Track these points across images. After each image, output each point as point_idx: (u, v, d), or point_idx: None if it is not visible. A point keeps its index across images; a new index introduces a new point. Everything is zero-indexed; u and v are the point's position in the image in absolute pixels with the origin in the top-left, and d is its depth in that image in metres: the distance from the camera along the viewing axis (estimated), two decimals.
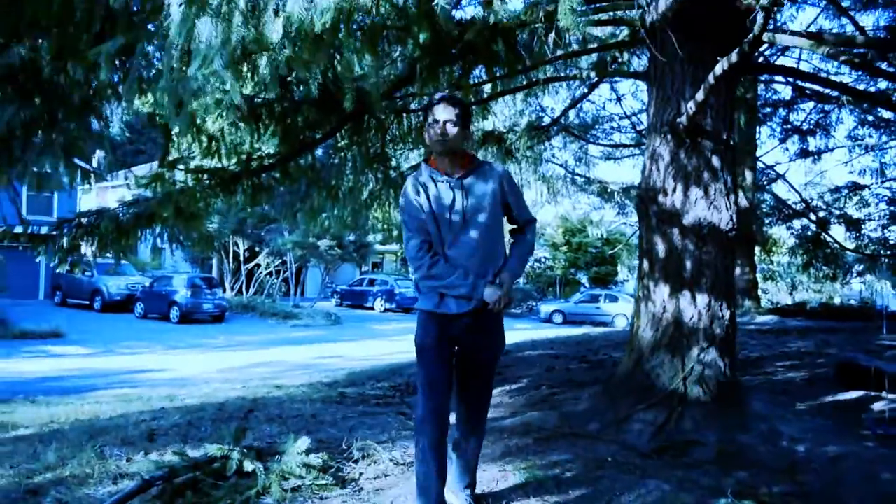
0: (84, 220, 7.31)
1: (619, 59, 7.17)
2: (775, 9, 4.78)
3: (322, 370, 11.31)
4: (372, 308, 30.88)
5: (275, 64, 3.56)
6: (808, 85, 12.48)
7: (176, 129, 6.26)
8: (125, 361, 13.79)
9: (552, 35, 4.45)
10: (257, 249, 28.36)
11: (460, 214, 2.98)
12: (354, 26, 3.52)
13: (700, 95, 4.45)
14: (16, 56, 4.14)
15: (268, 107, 6.54)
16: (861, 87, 11.39)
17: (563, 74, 6.93)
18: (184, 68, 3.40)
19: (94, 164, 7.46)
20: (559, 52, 5.51)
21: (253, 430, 4.84)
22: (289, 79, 5.81)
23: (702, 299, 4.87)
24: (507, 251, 3.17)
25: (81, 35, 4.19)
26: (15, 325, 17.75)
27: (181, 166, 7.01)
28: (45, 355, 14.57)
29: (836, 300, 27.98)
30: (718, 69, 4.13)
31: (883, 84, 11.30)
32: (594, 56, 6.80)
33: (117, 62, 4.15)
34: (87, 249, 7.41)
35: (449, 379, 3.05)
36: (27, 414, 6.78)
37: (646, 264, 5.11)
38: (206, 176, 7.17)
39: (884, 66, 8.04)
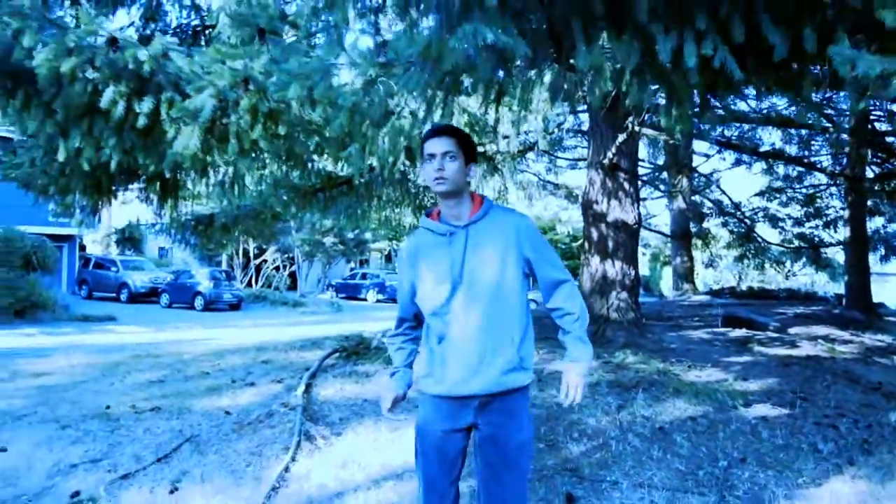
0: (199, 220, 10.84)
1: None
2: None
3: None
4: (365, 299, 34.26)
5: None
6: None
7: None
8: (183, 335, 16.96)
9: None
10: (264, 247, 31.70)
11: (462, 271, 2.43)
12: None
13: (613, 149, 8.06)
14: None
15: None
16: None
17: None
18: None
19: None
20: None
21: None
22: None
23: (618, 264, 8.47)
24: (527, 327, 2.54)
25: None
26: (74, 311, 20.94)
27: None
28: (115, 333, 17.73)
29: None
30: (620, 137, 7.75)
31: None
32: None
33: None
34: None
35: (449, 477, 2.51)
36: (191, 347, 10.17)
37: (586, 244, 8.72)
38: (290, 190, 10.65)
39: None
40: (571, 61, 2.82)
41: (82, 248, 36.12)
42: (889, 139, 13.31)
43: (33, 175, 6.74)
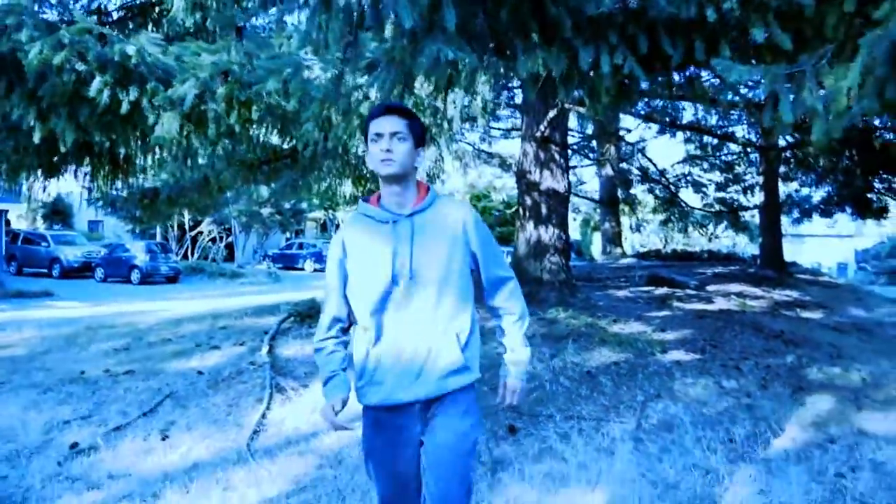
0: (144, 193, 11.12)
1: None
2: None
3: None
4: (303, 269, 34.47)
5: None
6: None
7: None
8: (126, 307, 17.03)
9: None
10: (199, 218, 31.54)
11: (408, 264, 2.19)
12: None
13: (545, 123, 8.70)
14: None
15: None
16: None
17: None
18: None
19: None
20: None
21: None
22: None
23: (551, 229, 9.17)
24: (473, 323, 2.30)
25: None
26: (8, 287, 20.69)
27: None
28: (54, 308, 17.66)
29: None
30: (551, 113, 8.39)
31: None
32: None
33: None
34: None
35: (410, 493, 2.31)
36: (141, 318, 10.48)
37: (521, 211, 9.39)
38: (236, 163, 10.99)
39: None
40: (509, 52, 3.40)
41: (6, 222, 35.23)
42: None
43: None
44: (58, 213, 35.23)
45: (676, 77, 4.23)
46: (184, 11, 6.09)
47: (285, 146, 11.00)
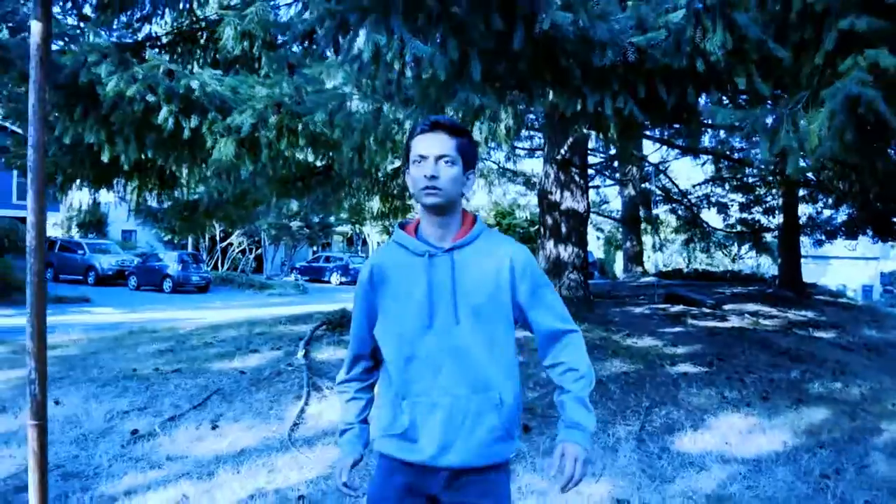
0: (185, 206, 11.73)
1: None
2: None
3: None
4: (329, 281, 35.17)
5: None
6: None
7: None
8: (161, 315, 17.70)
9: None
10: (230, 230, 32.41)
11: (446, 304, 1.89)
12: None
13: (565, 147, 9.19)
14: None
15: None
16: None
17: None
18: None
19: None
20: None
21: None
22: None
23: (570, 248, 9.64)
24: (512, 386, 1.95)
25: None
26: (50, 293, 21.48)
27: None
28: (92, 314, 18.39)
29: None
30: (570, 138, 8.88)
31: None
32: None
33: None
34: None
35: None
36: (180, 324, 11.08)
37: (542, 230, 9.87)
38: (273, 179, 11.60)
39: None
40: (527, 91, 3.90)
41: None
42: None
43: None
44: (94, 221, 36.27)
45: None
46: (233, 40, 6.68)
47: (318, 164, 11.62)
